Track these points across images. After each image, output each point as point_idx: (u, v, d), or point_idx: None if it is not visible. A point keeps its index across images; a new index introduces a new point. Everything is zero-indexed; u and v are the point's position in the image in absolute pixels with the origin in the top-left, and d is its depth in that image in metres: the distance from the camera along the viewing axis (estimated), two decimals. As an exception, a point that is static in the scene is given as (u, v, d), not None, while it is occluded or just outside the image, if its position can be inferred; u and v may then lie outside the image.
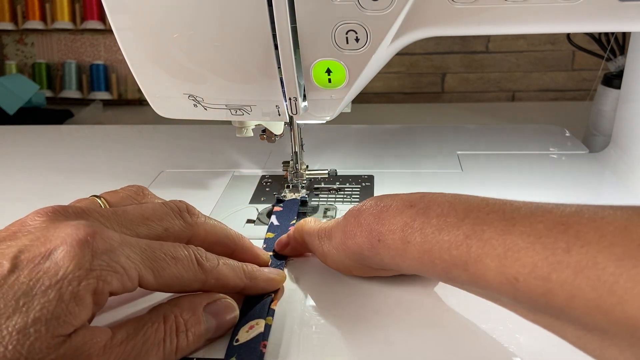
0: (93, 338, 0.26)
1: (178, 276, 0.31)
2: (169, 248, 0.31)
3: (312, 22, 0.38)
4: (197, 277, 0.32)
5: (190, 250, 0.32)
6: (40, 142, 0.72)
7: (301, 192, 0.50)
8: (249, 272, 0.35)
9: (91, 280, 0.27)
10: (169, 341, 0.29)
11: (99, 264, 0.27)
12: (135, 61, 0.42)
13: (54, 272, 0.26)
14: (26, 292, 0.25)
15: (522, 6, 0.36)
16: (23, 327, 0.24)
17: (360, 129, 0.73)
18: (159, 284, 0.30)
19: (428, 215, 0.30)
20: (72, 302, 0.26)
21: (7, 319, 0.25)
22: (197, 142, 0.70)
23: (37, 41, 1.12)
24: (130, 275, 0.28)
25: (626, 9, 0.35)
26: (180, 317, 0.30)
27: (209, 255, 0.33)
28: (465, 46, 1.09)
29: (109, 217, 0.31)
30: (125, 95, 1.11)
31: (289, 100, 0.41)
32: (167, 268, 0.30)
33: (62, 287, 0.26)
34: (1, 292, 0.25)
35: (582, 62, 1.07)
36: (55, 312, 0.25)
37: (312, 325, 0.34)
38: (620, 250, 0.22)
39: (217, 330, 0.32)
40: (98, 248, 0.27)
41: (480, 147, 0.64)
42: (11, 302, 0.25)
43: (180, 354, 0.30)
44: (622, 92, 0.57)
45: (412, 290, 0.37)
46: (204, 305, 0.31)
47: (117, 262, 0.28)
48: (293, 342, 0.32)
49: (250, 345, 0.31)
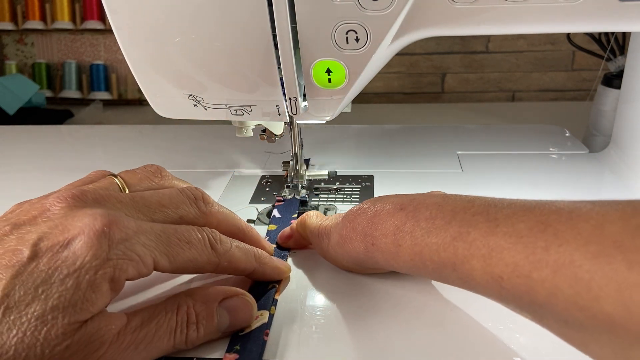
0: (108, 324, 0.27)
1: (192, 259, 0.32)
2: (183, 232, 0.32)
3: (312, 22, 0.38)
4: (211, 260, 0.33)
5: (204, 234, 0.33)
6: (40, 142, 0.72)
7: (301, 192, 0.50)
8: (259, 257, 0.36)
9: (108, 269, 0.28)
10: (179, 331, 0.30)
11: (115, 254, 0.28)
12: (135, 61, 0.42)
13: (72, 261, 0.27)
14: (45, 280, 0.26)
15: (522, 6, 0.36)
16: (41, 314, 0.25)
17: (360, 129, 0.73)
18: (173, 267, 0.31)
19: (417, 218, 0.31)
20: (89, 290, 0.27)
21: (27, 306, 0.25)
22: (197, 142, 0.70)
23: (37, 41, 1.12)
24: (145, 262, 0.29)
25: (626, 9, 0.35)
26: (192, 308, 0.31)
27: (222, 238, 0.34)
28: (465, 46, 1.09)
29: (127, 204, 0.32)
30: (125, 95, 1.11)
31: (289, 100, 0.41)
32: (182, 252, 0.31)
33: (80, 276, 0.27)
34: (21, 279, 0.26)
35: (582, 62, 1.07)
36: (73, 300, 0.26)
37: (312, 325, 0.34)
38: (595, 248, 0.22)
39: (231, 326, 0.32)
40: (114, 238, 0.28)
41: (480, 147, 0.64)
42: (30, 289, 0.26)
43: (190, 345, 0.30)
44: (622, 92, 0.57)
45: (412, 290, 0.37)
46: (219, 300, 0.32)
47: (132, 250, 0.29)
48: (293, 342, 0.32)
49: (254, 335, 0.32)
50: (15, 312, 0.25)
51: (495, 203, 0.29)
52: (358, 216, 0.35)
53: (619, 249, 0.22)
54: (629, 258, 0.21)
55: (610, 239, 0.22)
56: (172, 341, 0.30)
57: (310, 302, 0.36)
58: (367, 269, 0.37)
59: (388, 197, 0.35)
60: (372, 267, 0.36)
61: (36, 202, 0.31)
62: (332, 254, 0.38)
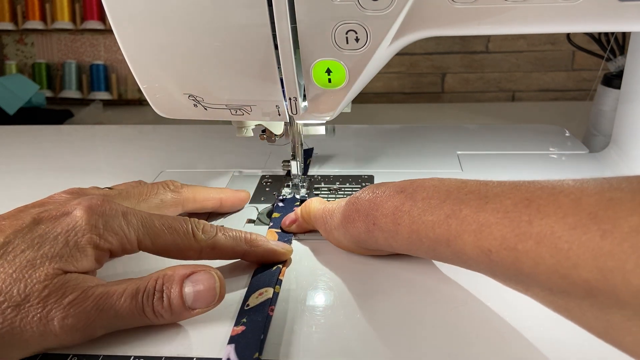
0: (84, 279, 0.32)
1: (173, 243, 0.36)
2: (167, 219, 0.36)
3: (312, 22, 0.38)
4: (192, 246, 0.37)
5: (188, 223, 0.37)
6: (40, 142, 0.72)
7: (301, 191, 0.50)
8: (251, 240, 0.39)
9: (94, 235, 0.33)
10: (146, 298, 0.32)
11: (102, 224, 0.34)
12: (135, 61, 0.42)
13: (65, 224, 0.33)
14: (40, 236, 0.32)
15: (522, 6, 0.36)
16: (32, 258, 0.31)
17: (360, 129, 0.73)
18: (156, 249, 0.36)
19: (415, 198, 0.33)
20: (75, 249, 0.32)
21: (22, 252, 0.31)
22: (197, 142, 0.70)
23: (37, 41, 1.12)
24: (129, 238, 0.34)
25: (626, 9, 0.35)
26: (160, 279, 0.33)
27: (206, 227, 0.37)
28: (465, 46, 1.09)
29: (115, 196, 0.40)
30: (125, 95, 1.11)
31: (289, 100, 0.41)
32: (164, 236, 0.36)
33: (69, 236, 0.33)
34: (21, 234, 0.32)
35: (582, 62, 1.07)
36: (60, 253, 0.32)
37: (312, 325, 0.34)
38: (573, 219, 0.24)
39: (197, 299, 0.33)
40: (104, 212, 0.34)
41: (480, 147, 0.64)
42: (27, 241, 0.32)
43: (161, 318, 0.33)
44: (622, 92, 0.57)
45: (413, 291, 0.37)
46: (186, 275, 0.33)
47: (118, 225, 0.34)
48: (293, 342, 0.32)
49: (259, 309, 0.34)
50: (12, 255, 0.31)
51: (487, 182, 0.31)
52: (361, 199, 0.37)
53: (594, 220, 0.23)
54: (603, 228, 0.23)
55: (587, 211, 0.24)
56: (140, 305, 0.32)
57: (310, 302, 0.36)
58: (367, 249, 0.40)
59: (388, 182, 0.37)
60: (372, 247, 0.39)
61: (44, 197, 0.38)
62: (334, 235, 0.40)
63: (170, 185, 0.44)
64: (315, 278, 0.39)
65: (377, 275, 0.39)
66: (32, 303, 0.30)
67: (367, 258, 0.41)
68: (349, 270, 0.40)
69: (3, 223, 0.33)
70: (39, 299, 0.30)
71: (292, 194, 0.50)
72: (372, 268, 0.40)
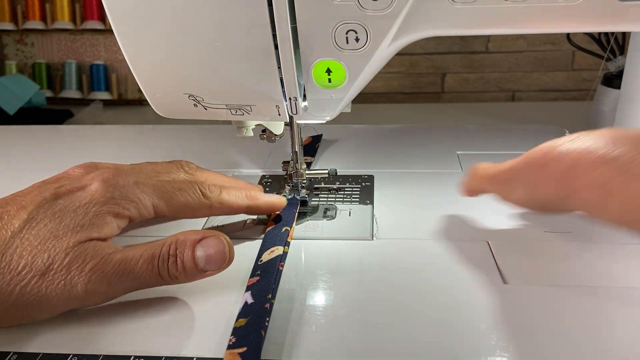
0: (103, 246, 0.34)
1: (186, 203, 0.40)
2: (176, 183, 0.40)
3: (312, 22, 0.38)
4: (203, 203, 0.40)
5: (195, 184, 0.41)
6: (40, 142, 0.72)
7: (301, 192, 0.50)
8: (251, 196, 0.43)
9: (112, 205, 0.36)
10: (161, 262, 0.34)
11: (118, 194, 0.37)
12: (135, 61, 0.42)
13: (83, 198, 0.36)
14: (61, 209, 0.35)
15: (522, 6, 0.36)
16: (55, 230, 0.34)
17: (360, 129, 0.73)
18: (170, 210, 0.39)
19: (628, 175, 0.30)
20: (95, 218, 0.35)
21: (45, 226, 0.34)
22: (197, 142, 0.70)
23: (37, 41, 1.12)
24: (144, 203, 0.38)
25: (626, 9, 0.35)
26: (174, 244, 0.35)
27: (211, 187, 0.41)
28: (465, 46, 1.09)
29: (129, 171, 0.40)
30: (125, 95, 1.11)
31: (289, 100, 0.41)
32: (176, 198, 0.39)
33: (89, 208, 0.35)
34: (43, 209, 0.35)
35: (582, 62, 1.07)
36: (81, 223, 0.34)
37: (312, 325, 0.34)
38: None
39: (207, 262, 0.35)
40: (118, 184, 0.37)
41: (480, 147, 0.64)
42: (49, 215, 0.34)
43: (177, 280, 0.35)
44: (622, 92, 0.57)
45: (413, 290, 0.37)
46: (197, 240, 0.35)
47: (133, 194, 0.37)
48: (293, 342, 0.32)
49: (271, 263, 0.38)
50: (36, 229, 0.33)
51: None
52: (550, 162, 0.34)
53: None
54: None
55: None
56: (156, 269, 0.34)
57: (310, 302, 0.36)
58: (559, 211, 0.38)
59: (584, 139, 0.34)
60: (562, 212, 0.37)
61: (60, 173, 0.40)
62: (517, 199, 0.38)
63: (185, 167, 0.45)
64: (315, 278, 0.39)
65: (377, 275, 0.39)
66: (56, 271, 0.32)
67: (365, 257, 0.41)
68: (349, 270, 0.40)
69: (24, 199, 0.35)
70: (62, 266, 0.32)
71: (292, 195, 0.50)
72: (373, 268, 0.40)
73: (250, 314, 0.33)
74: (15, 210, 0.35)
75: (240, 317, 0.33)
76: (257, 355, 0.30)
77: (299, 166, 0.50)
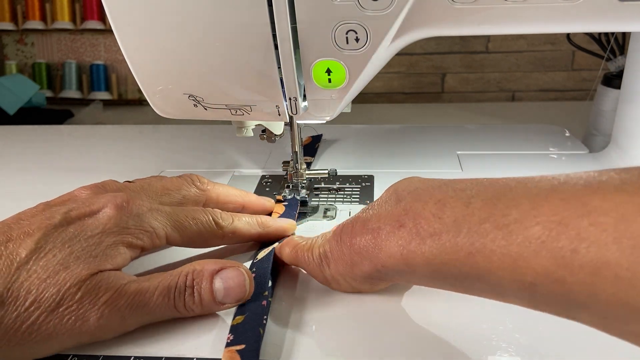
0: (117, 277, 0.32)
1: (199, 233, 0.38)
2: (189, 212, 0.38)
3: (312, 22, 0.38)
4: (216, 233, 0.39)
5: (208, 213, 0.39)
6: (40, 142, 0.72)
7: (301, 192, 0.50)
8: (262, 223, 0.42)
9: (126, 235, 0.34)
10: (177, 293, 0.33)
11: (132, 224, 0.34)
12: (135, 61, 0.42)
13: (95, 226, 0.33)
14: (71, 238, 0.32)
15: (522, 6, 0.36)
16: (65, 262, 0.31)
17: (360, 129, 0.73)
18: (183, 240, 0.38)
19: (421, 236, 0.29)
20: (108, 249, 0.33)
21: (54, 256, 0.31)
22: (197, 142, 0.70)
23: (37, 41, 1.12)
24: (158, 233, 0.36)
25: (626, 9, 0.35)
26: (191, 275, 0.33)
27: (224, 215, 0.40)
28: (465, 46, 1.09)
29: (139, 191, 0.39)
30: (125, 95, 1.11)
31: (289, 100, 0.41)
32: (189, 227, 0.37)
33: (102, 238, 0.33)
34: (52, 237, 0.32)
35: (582, 62, 1.07)
36: (94, 254, 0.32)
37: (312, 325, 0.34)
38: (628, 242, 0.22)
39: (226, 295, 0.33)
40: (132, 211, 0.35)
41: (480, 147, 0.64)
42: (58, 244, 0.32)
43: (192, 311, 0.33)
44: (622, 92, 0.57)
45: (414, 290, 0.37)
46: (216, 270, 0.34)
47: (147, 223, 0.35)
48: (293, 342, 0.32)
49: (265, 259, 0.39)
50: (44, 260, 0.31)
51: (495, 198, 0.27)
52: (355, 236, 0.33)
53: None
54: None
55: None
56: (172, 301, 0.33)
57: (310, 302, 0.36)
58: (384, 284, 0.36)
59: (377, 209, 0.33)
60: (390, 282, 0.36)
61: (65, 194, 0.38)
62: (339, 281, 0.35)
63: (196, 182, 0.43)
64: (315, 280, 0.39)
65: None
66: (67, 306, 0.30)
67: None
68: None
69: (29, 224, 0.32)
70: (73, 301, 0.30)
71: (292, 195, 0.50)
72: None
73: (247, 311, 0.33)
74: (20, 237, 0.32)
75: (237, 315, 0.33)
76: (256, 352, 0.30)
77: (299, 166, 0.50)
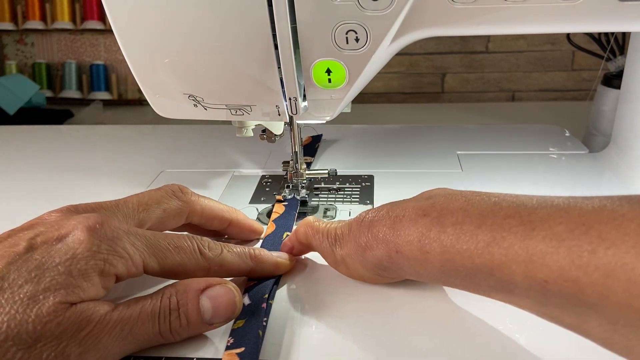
0: (96, 307, 0.29)
1: (181, 263, 0.33)
2: (172, 238, 0.34)
3: (312, 22, 0.38)
4: (200, 265, 0.34)
5: (193, 241, 0.34)
6: (40, 142, 0.72)
7: (301, 192, 0.50)
8: (255, 256, 0.37)
9: (98, 261, 0.30)
10: (163, 318, 0.30)
11: (106, 249, 0.30)
12: (135, 61, 0.42)
13: (64, 252, 0.29)
14: (38, 266, 0.28)
15: (522, 6, 0.36)
16: (33, 294, 0.27)
17: (360, 129, 0.73)
18: (163, 270, 0.33)
19: (443, 224, 0.30)
20: (80, 278, 0.29)
21: (19, 288, 0.27)
22: (197, 142, 0.70)
23: (37, 41, 1.12)
24: (134, 260, 0.31)
25: (626, 9, 0.35)
26: (175, 296, 0.31)
27: (211, 245, 0.35)
28: (465, 46, 1.09)
29: (113, 210, 0.35)
30: (125, 95, 1.11)
31: (289, 100, 0.41)
32: (171, 256, 0.33)
33: (72, 265, 0.29)
34: (16, 266, 0.28)
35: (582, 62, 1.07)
36: (64, 284, 0.28)
37: (312, 325, 0.34)
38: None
39: (215, 315, 0.32)
40: (106, 235, 0.31)
41: (480, 147, 0.64)
42: (24, 274, 0.28)
43: (177, 336, 0.31)
44: (622, 92, 0.57)
45: (414, 290, 0.37)
46: (201, 289, 0.32)
47: (122, 248, 0.31)
48: (293, 342, 0.32)
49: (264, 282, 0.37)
50: (9, 292, 0.27)
51: (524, 203, 0.28)
52: (376, 223, 0.33)
53: None
54: None
55: None
56: (157, 327, 0.30)
57: (310, 302, 0.36)
58: (389, 277, 0.36)
59: (404, 202, 0.34)
60: (394, 276, 0.35)
61: (33, 218, 0.33)
62: (347, 264, 0.36)
63: (177, 192, 0.39)
64: (315, 278, 0.39)
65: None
66: (44, 342, 0.27)
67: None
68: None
69: None
70: (52, 337, 0.27)
71: (292, 195, 0.50)
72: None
73: (248, 315, 0.33)
74: None
75: (238, 319, 0.33)
76: (255, 355, 0.30)
77: (299, 166, 0.50)
